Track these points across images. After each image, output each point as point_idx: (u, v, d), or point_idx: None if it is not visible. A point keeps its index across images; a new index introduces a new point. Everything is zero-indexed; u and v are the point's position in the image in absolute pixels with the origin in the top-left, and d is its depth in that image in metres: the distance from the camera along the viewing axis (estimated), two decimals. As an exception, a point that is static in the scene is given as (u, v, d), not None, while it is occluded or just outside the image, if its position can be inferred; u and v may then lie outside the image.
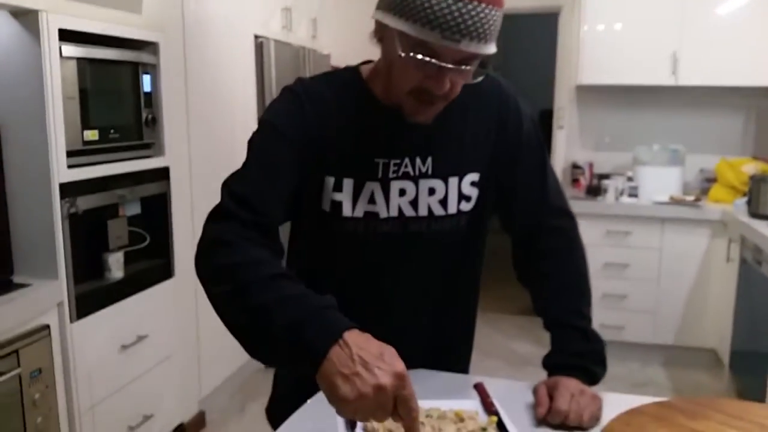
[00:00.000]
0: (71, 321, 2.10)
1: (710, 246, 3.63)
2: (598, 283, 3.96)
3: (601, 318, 3.97)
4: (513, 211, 1.25)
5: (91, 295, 2.23)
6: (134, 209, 2.59)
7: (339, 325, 0.83)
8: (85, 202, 2.21)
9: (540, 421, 1.06)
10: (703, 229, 3.63)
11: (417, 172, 1.12)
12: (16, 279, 2.06)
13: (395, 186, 1.11)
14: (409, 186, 1.12)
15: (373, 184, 1.10)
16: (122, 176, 2.38)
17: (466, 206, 1.16)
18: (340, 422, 0.92)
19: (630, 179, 3.90)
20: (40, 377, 1.95)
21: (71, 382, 2.08)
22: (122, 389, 2.33)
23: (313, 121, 1.08)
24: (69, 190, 2.12)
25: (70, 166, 2.11)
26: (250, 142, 1.10)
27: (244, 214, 0.99)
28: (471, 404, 1.01)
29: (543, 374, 1.19)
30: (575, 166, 4.20)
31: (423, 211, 1.13)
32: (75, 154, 2.16)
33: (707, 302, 3.67)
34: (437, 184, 1.13)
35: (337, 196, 1.10)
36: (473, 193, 1.16)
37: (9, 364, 1.83)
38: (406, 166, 1.11)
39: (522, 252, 1.29)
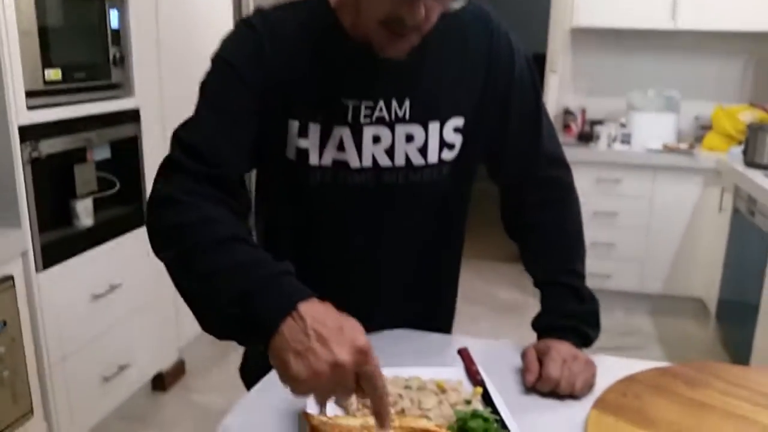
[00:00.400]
0: (37, 271, 1.99)
1: (702, 195, 3.56)
2: (587, 232, 3.85)
3: (587, 266, 3.93)
4: (503, 160, 1.13)
5: (59, 243, 2.12)
6: (103, 154, 2.45)
7: (293, 295, 0.74)
8: (48, 146, 2.07)
9: (529, 389, 0.98)
10: (695, 178, 3.55)
11: (393, 117, 0.99)
12: (-23, 226, 1.94)
13: (368, 132, 0.99)
14: (383, 132, 0.99)
15: (342, 129, 0.98)
16: (89, 119, 2.24)
17: (448, 155, 1.04)
18: (310, 399, 0.83)
19: (623, 126, 3.79)
20: (5, 330, 1.86)
21: (39, 335, 1.99)
22: (95, 340, 2.25)
23: (274, 59, 0.96)
24: (30, 133, 1.98)
25: (30, 108, 1.96)
26: (203, 84, 0.98)
27: (195, 167, 0.89)
28: (454, 373, 0.92)
29: (526, 323, 1.11)
30: (567, 112, 4.08)
31: (400, 161, 1.01)
32: (36, 95, 2.00)
33: (696, 252, 3.63)
34: (416, 130, 1.01)
35: (303, 143, 0.99)
36: (457, 140, 1.04)
37: (-30, 317, 1.74)
38: (380, 110, 0.99)
39: (512, 203, 1.19)
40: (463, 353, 0.97)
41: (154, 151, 2.57)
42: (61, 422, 2.07)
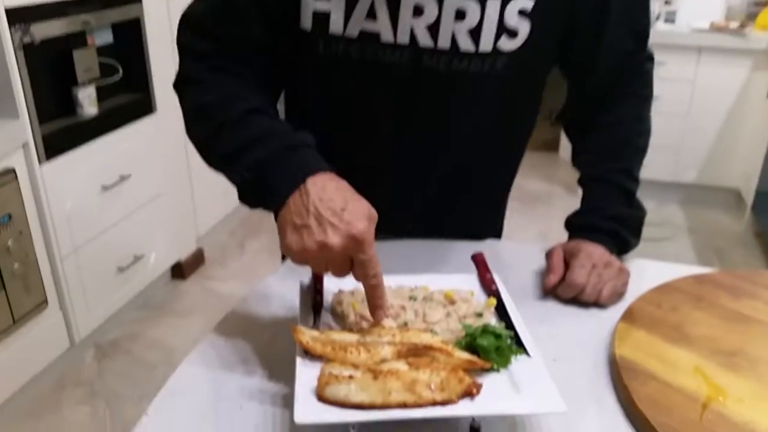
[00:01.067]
0: (40, 163, 1.92)
1: (750, 79, 3.29)
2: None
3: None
4: (597, 59, 0.95)
5: (62, 134, 2.03)
6: (105, 38, 2.30)
7: (304, 168, 0.73)
8: (42, 30, 1.92)
9: (548, 292, 0.89)
10: (744, 60, 3.27)
11: None
12: (-27, 117, 1.84)
13: (408, 0, 0.80)
14: (428, 3, 0.80)
15: None
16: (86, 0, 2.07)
17: (507, 44, 0.83)
18: (302, 311, 0.74)
19: (668, 2, 3.46)
20: (11, 223, 1.81)
21: (48, 227, 1.95)
22: (107, 231, 2.22)
23: None
24: (19, 15, 1.83)
25: (16, -14, 1.80)
26: None
27: (205, 45, 0.86)
28: (466, 280, 0.82)
29: (552, 214, 1.01)
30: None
31: (444, 42, 0.82)
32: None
33: (738, 140, 3.41)
34: (469, 5, 0.80)
35: (321, 5, 0.82)
36: (522, 27, 0.83)
37: (-28, 210, 1.69)
38: None
39: (586, 99, 1.02)
40: (477, 259, 0.86)
41: (159, 35, 2.40)
42: (77, 312, 2.08)
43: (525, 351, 0.68)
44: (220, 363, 0.75)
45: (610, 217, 0.94)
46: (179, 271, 2.70)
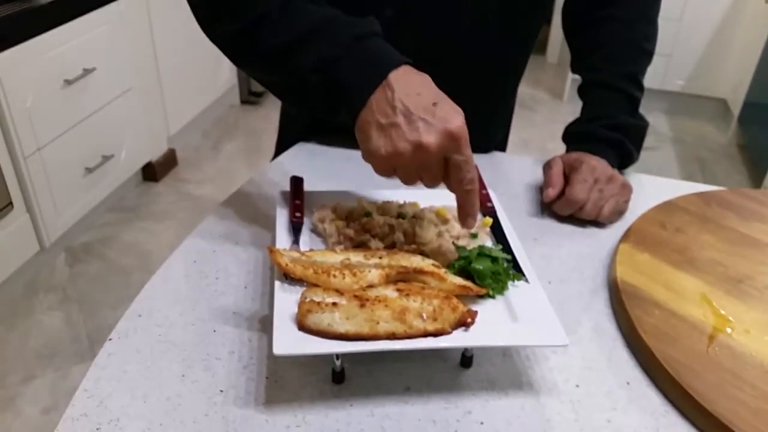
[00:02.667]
0: (-7, 53, 1.76)
1: (749, -19, 3.15)
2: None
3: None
4: None
5: (14, 21, 1.85)
6: None
7: (383, 60, 0.63)
8: None
9: (546, 209, 0.83)
10: (746, -40, 3.11)
11: None
12: None
13: None
14: None
15: None
16: None
17: None
18: (279, 229, 0.67)
19: None
20: (-36, 119, 1.68)
21: (8, 124, 1.82)
22: (73, 129, 2.09)
23: None
24: None
25: None
26: None
27: None
28: (460, 197, 0.76)
29: (537, 121, 0.94)
30: None
31: None
32: None
33: (730, 48, 3.31)
34: None
35: None
36: None
37: None
38: None
39: None
40: (472, 172, 0.79)
41: None
42: (44, 214, 1.99)
43: (523, 276, 0.62)
44: (190, 281, 0.69)
45: (614, 126, 0.88)
46: (151, 173, 2.60)
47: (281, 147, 1.02)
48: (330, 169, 0.91)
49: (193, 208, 2.46)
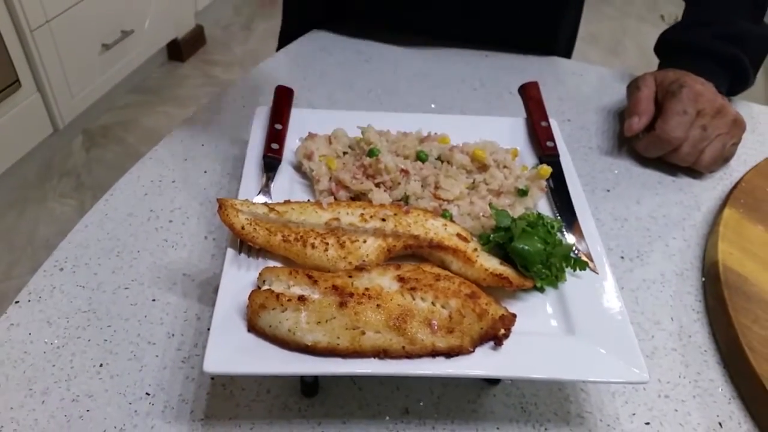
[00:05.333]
0: None
1: None
2: None
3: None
4: None
5: None
6: None
7: None
8: None
9: (626, 141, 0.62)
10: None
11: None
12: None
13: None
14: None
15: None
16: None
17: None
18: (247, 168, 0.48)
19: None
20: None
21: (8, -7, 1.63)
22: (85, 1, 1.88)
23: None
24: None
25: None
26: None
27: None
28: (509, 129, 0.54)
29: (609, 12, 0.71)
30: None
31: None
32: None
33: None
34: None
35: None
36: None
37: None
38: None
39: None
40: (529, 93, 0.57)
41: None
42: (57, 94, 1.83)
43: (589, 265, 0.43)
44: (135, 222, 0.52)
45: (730, 35, 0.64)
46: (177, 52, 2.40)
47: (288, 35, 0.82)
48: (340, 74, 0.71)
49: (219, 93, 2.27)
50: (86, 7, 1.89)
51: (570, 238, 0.45)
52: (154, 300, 0.46)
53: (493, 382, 0.42)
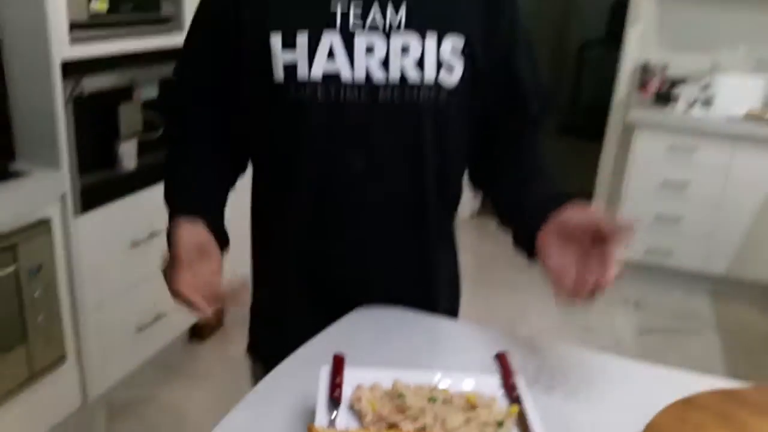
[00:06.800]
0: (75, 215, 1.95)
1: (786, 172, 3.26)
2: (652, 203, 3.69)
3: (649, 241, 3.72)
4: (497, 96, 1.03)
5: (99, 187, 2.07)
6: (150, 93, 2.37)
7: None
8: (92, 84, 2.00)
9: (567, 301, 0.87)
10: (780, 152, 3.24)
11: (388, 25, 0.92)
12: (18, 166, 1.88)
13: (360, 41, 0.91)
14: (378, 42, 0.92)
15: (331, 34, 0.91)
16: (136, 55, 2.15)
17: (447, 78, 0.94)
18: (320, 402, 0.72)
19: (705, 88, 3.44)
20: (39, 274, 1.83)
21: (75, 280, 1.97)
22: (133, 287, 2.22)
23: None
24: (73, 69, 1.90)
25: (74, 41, 1.88)
26: None
27: (175, 99, 1.15)
28: (490, 383, 0.79)
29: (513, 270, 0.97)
30: (645, 69, 3.70)
31: (395, 74, 0.92)
32: (80, 27, 1.91)
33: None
34: (412, 40, 0.92)
35: (289, 56, 0.91)
36: (456, 63, 0.95)
37: (5, 260, 1.71)
38: (373, 16, 0.91)
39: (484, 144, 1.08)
40: (502, 359, 0.84)
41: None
42: (93, 369, 2.07)
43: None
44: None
45: (557, 194, 0.95)
46: (198, 333, 2.69)
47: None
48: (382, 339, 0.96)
49: (235, 369, 2.50)
50: (131, 294, 2.21)
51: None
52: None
53: None
